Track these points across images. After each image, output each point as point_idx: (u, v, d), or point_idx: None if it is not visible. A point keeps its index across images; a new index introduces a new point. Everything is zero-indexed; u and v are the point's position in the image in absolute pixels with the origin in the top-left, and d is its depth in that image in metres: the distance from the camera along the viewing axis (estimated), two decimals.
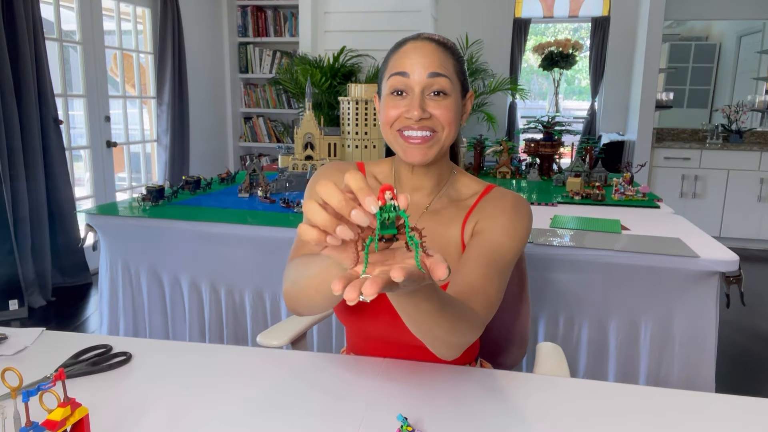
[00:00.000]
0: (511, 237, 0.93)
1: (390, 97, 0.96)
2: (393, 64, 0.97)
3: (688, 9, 5.07)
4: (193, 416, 0.81)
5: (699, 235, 1.81)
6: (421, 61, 0.93)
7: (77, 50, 3.62)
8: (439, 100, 0.94)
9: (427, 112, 0.93)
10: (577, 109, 6.09)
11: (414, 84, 0.93)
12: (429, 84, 0.93)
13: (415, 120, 0.92)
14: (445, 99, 0.94)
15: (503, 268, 0.90)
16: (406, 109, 0.94)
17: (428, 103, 0.94)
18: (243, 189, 2.35)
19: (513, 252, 0.93)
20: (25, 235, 3.06)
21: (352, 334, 1.11)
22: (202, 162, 4.83)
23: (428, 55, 0.94)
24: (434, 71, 0.93)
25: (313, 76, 3.76)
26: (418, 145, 0.94)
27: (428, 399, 0.86)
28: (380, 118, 0.99)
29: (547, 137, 3.12)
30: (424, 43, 0.96)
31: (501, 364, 1.28)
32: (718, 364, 1.66)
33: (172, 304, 2.04)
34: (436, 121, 0.94)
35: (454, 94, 0.96)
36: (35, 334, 1.05)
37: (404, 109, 0.94)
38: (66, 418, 0.66)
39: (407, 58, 0.95)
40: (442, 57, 0.95)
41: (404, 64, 0.95)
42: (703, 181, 4.67)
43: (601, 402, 0.86)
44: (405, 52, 0.96)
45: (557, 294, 1.71)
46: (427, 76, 0.93)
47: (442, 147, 0.96)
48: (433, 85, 0.93)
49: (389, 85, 0.96)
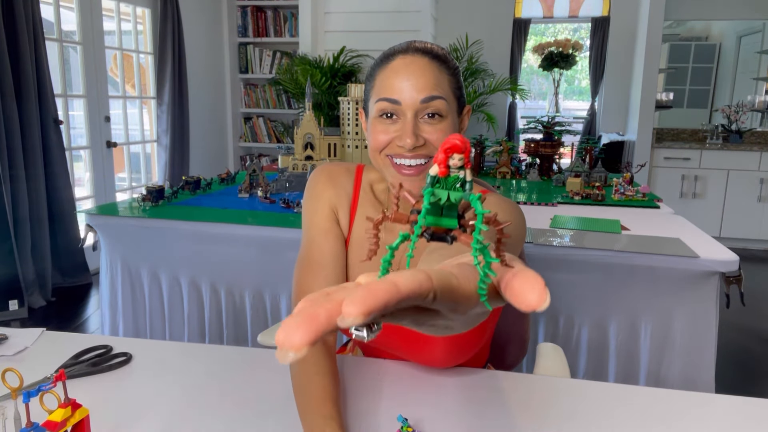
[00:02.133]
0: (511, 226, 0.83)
1: (379, 120, 0.87)
2: (381, 86, 0.87)
3: (688, 9, 5.07)
4: (194, 417, 0.81)
5: (699, 235, 1.81)
6: (413, 83, 0.83)
7: (77, 50, 3.62)
8: (434, 123, 0.85)
9: (421, 138, 0.84)
10: (577, 109, 6.09)
11: (406, 109, 0.84)
12: (422, 108, 0.84)
13: (408, 149, 0.83)
14: (440, 122, 0.85)
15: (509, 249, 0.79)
16: (398, 135, 0.85)
17: (422, 127, 0.84)
18: (243, 189, 2.35)
19: (513, 235, 0.83)
20: (25, 235, 3.06)
21: None
22: (202, 162, 4.83)
23: (421, 74, 0.84)
24: (428, 95, 0.83)
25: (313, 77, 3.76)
26: (411, 177, 0.85)
27: (428, 400, 0.86)
28: (368, 141, 0.90)
29: (547, 137, 3.12)
30: (415, 57, 0.85)
31: (501, 364, 1.28)
32: (717, 364, 1.66)
33: (172, 304, 2.04)
34: (431, 147, 0.85)
35: (451, 115, 0.87)
36: (35, 334, 1.05)
37: (395, 135, 0.85)
38: (66, 418, 0.66)
39: (396, 78, 0.84)
40: (436, 75, 0.85)
41: (393, 88, 0.84)
42: (703, 181, 4.67)
43: (601, 403, 0.86)
44: (394, 71, 0.85)
45: (557, 294, 1.71)
46: (421, 102, 0.83)
47: None
48: (427, 109, 0.84)
49: (377, 108, 0.86)
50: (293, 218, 1.95)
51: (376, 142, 0.87)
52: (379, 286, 0.25)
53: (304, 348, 0.25)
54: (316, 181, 1.01)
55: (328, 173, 1.00)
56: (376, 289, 0.25)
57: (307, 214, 1.00)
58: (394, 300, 0.26)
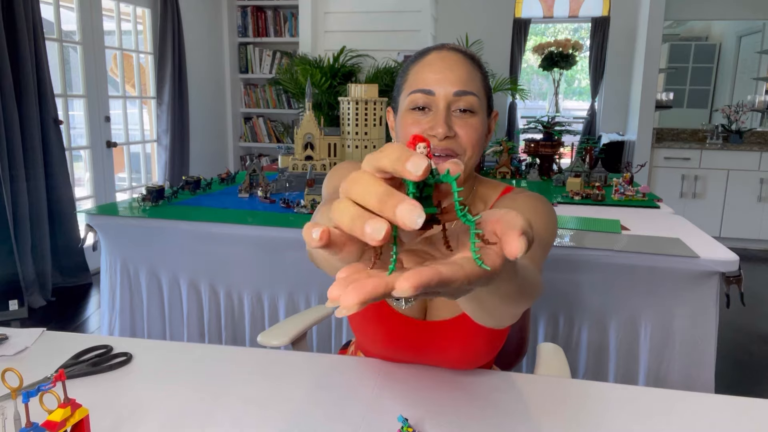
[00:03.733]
0: (539, 216, 0.83)
1: (410, 113, 0.86)
2: (414, 78, 0.87)
3: (688, 9, 5.07)
4: (194, 417, 0.81)
5: (699, 235, 1.81)
6: (447, 75, 0.84)
7: (77, 50, 3.62)
8: (466, 118, 0.84)
9: (453, 129, 0.84)
10: (577, 109, 6.09)
11: (439, 100, 0.84)
12: (455, 101, 0.84)
13: (440, 138, 0.83)
14: (471, 117, 0.85)
15: (538, 242, 0.78)
16: (430, 125, 0.84)
17: (454, 121, 0.84)
18: (243, 189, 2.35)
19: (545, 231, 0.82)
20: (25, 235, 3.06)
21: (359, 333, 1.09)
22: (202, 162, 4.83)
23: (455, 69, 0.84)
24: (462, 89, 0.83)
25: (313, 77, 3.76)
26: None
27: (429, 400, 0.86)
28: (397, 136, 0.90)
29: (547, 137, 3.12)
30: (450, 53, 0.86)
31: (501, 364, 1.28)
32: (717, 364, 1.66)
33: (172, 304, 2.04)
34: (459, 141, 0.85)
35: (481, 112, 0.86)
36: (36, 334, 1.05)
37: (427, 126, 0.84)
38: (66, 418, 0.66)
39: (431, 71, 0.85)
40: (470, 71, 0.85)
41: (427, 80, 0.84)
42: (703, 181, 4.67)
43: (601, 403, 0.86)
44: (428, 64, 0.86)
45: (557, 294, 1.71)
46: (454, 95, 0.83)
47: (464, 172, 0.85)
48: (459, 102, 0.84)
49: (410, 100, 0.86)
50: (293, 218, 1.95)
51: (408, 134, 0.86)
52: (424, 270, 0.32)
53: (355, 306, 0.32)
54: (348, 164, 0.96)
55: (357, 163, 0.96)
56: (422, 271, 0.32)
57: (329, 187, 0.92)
58: (435, 281, 0.32)
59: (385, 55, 4.07)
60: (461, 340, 0.91)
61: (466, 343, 0.92)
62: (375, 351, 1.00)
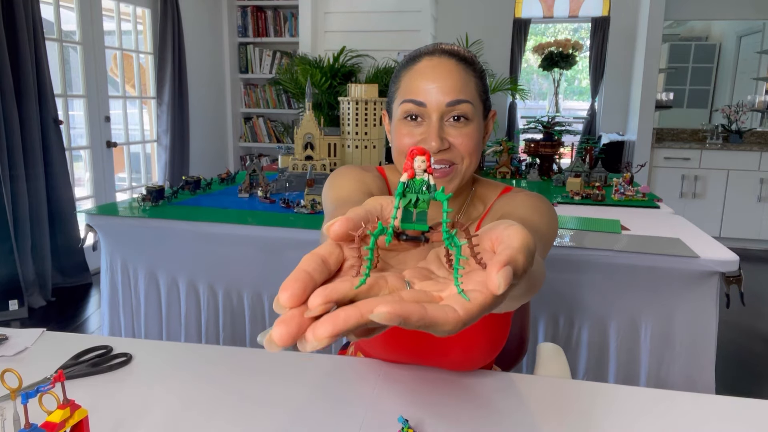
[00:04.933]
0: (539, 213, 0.82)
1: (403, 123, 0.85)
2: (406, 87, 0.85)
3: (688, 9, 5.07)
4: (194, 417, 0.80)
5: (699, 235, 1.81)
6: (440, 85, 0.82)
7: (77, 50, 3.62)
8: (460, 126, 0.83)
9: (446, 141, 0.83)
10: (577, 109, 6.09)
11: (431, 112, 0.83)
12: (448, 111, 0.83)
13: (433, 152, 0.82)
14: (466, 126, 0.83)
15: (539, 238, 0.76)
16: (422, 137, 0.83)
17: (447, 131, 0.83)
18: (243, 189, 2.35)
19: (545, 227, 0.81)
20: (25, 235, 3.06)
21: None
22: (202, 162, 4.83)
23: (447, 77, 0.82)
24: (454, 99, 0.82)
25: (313, 77, 3.76)
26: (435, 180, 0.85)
27: (429, 401, 0.86)
28: (392, 143, 0.89)
29: (547, 137, 3.12)
30: (442, 59, 0.84)
31: (501, 364, 1.28)
32: (718, 365, 1.66)
33: (172, 304, 2.03)
34: (455, 151, 0.83)
35: (477, 118, 0.85)
36: (35, 334, 1.05)
37: (420, 138, 0.83)
38: (65, 420, 0.66)
39: (423, 80, 0.83)
40: (463, 77, 0.83)
41: (419, 90, 0.83)
42: (703, 181, 4.67)
43: (601, 403, 0.86)
44: (420, 72, 0.84)
45: (557, 294, 1.71)
46: (447, 105, 0.82)
47: (462, 179, 0.86)
48: (452, 112, 0.83)
49: (402, 110, 0.85)
50: (293, 218, 1.95)
51: (401, 144, 0.85)
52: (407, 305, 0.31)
53: (325, 340, 0.31)
54: (349, 169, 0.95)
55: (357, 167, 0.95)
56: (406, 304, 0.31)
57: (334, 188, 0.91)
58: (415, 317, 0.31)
59: (385, 55, 4.06)
60: (462, 341, 0.91)
61: (467, 345, 0.92)
62: (375, 352, 1.00)
